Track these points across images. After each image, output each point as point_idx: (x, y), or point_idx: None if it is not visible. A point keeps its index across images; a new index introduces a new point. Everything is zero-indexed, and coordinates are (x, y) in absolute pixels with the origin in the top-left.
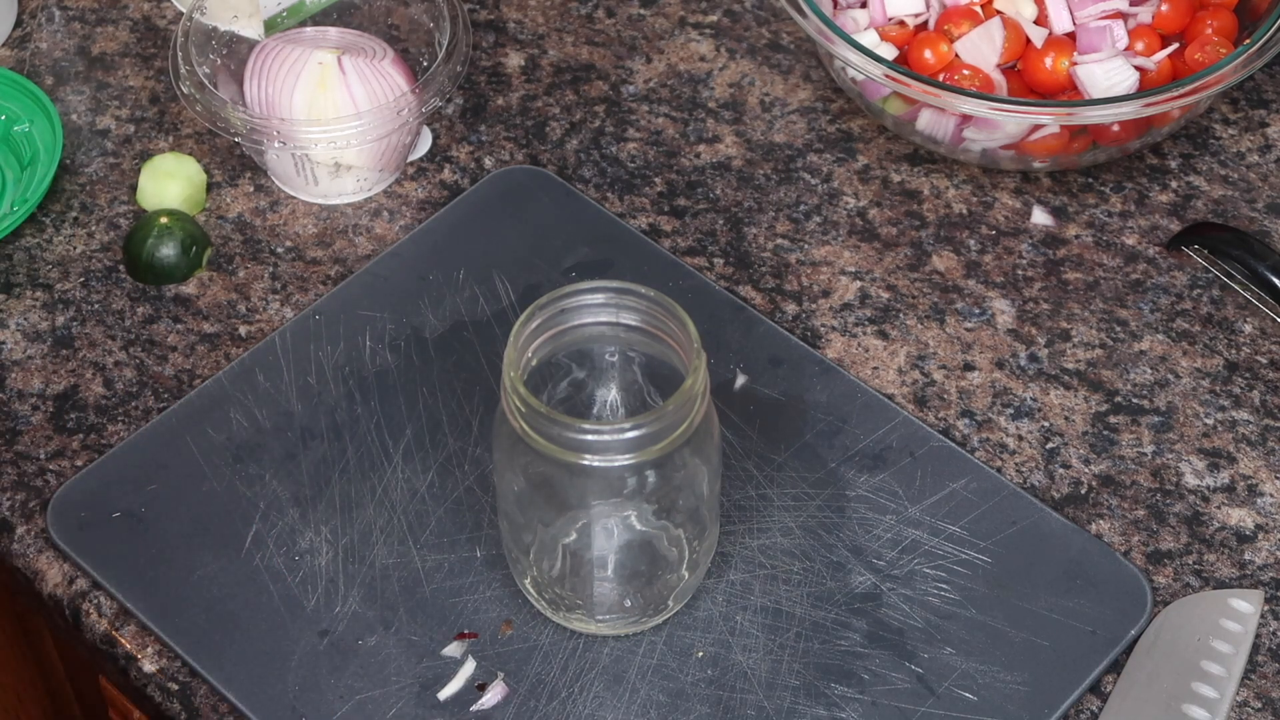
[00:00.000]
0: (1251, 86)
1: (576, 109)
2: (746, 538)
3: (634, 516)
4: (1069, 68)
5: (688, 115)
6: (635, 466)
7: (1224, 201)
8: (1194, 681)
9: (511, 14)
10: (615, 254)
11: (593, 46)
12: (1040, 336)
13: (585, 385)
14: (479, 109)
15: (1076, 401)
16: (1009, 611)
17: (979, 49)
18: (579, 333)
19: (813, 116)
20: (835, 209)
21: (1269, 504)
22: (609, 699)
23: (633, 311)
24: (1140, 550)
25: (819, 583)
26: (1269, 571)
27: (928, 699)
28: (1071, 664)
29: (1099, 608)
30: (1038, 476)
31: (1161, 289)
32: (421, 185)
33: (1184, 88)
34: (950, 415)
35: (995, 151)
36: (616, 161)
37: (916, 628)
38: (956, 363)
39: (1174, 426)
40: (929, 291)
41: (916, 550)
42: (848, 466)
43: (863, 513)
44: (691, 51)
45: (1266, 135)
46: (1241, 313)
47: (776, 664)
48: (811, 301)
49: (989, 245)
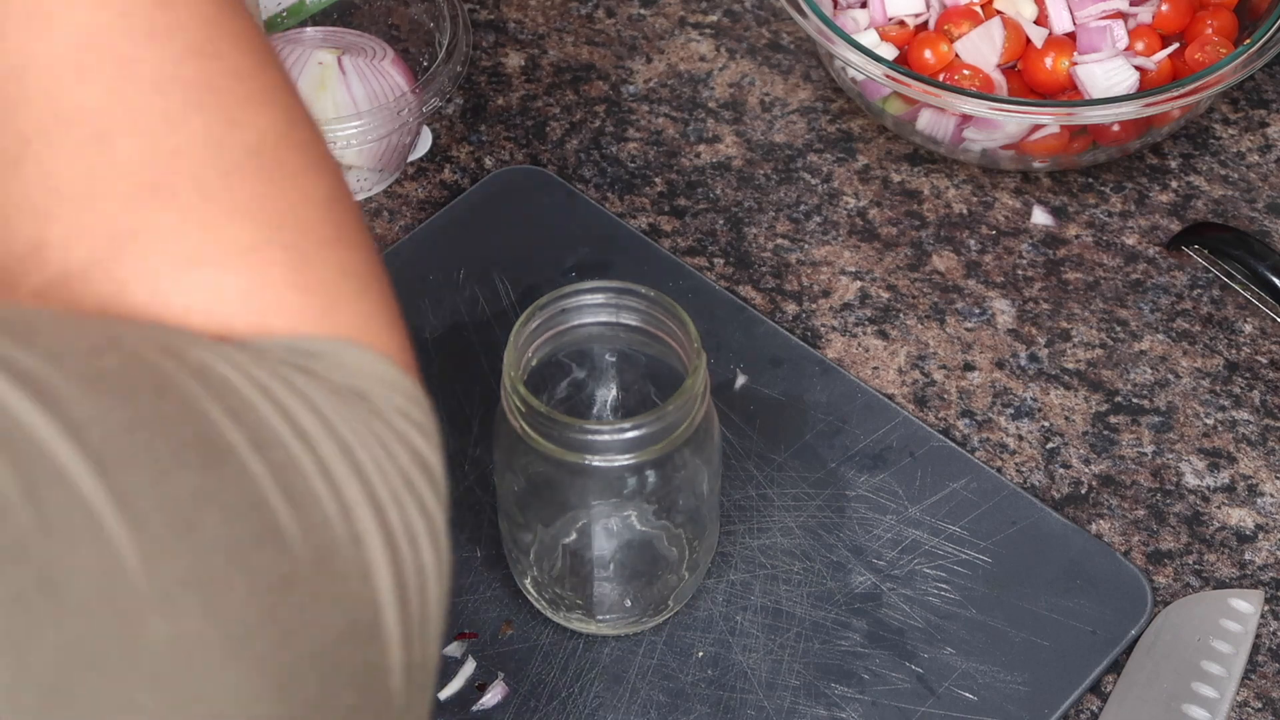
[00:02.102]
0: (1252, 86)
1: (577, 109)
2: (747, 538)
3: (634, 516)
4: (1069, 68)
5: (688, 115)
6: (635, 466)
7: (1224, 201)
8: (1194, 681)
9: (512, 14)
10: (615, 254)
11: (593, 46)
12: (1040, 336)
13: (585, 385)
14: (479, 109)
15: (1077, 401)
16: (1009, 611)
17: (979, 49)
18: (579, 333)
19: (813, 116)
20: (835, 209)
21: (1269, 504)
22: (609, 699)
23: (633, 311)
24: (1140, 550)
25: (819, 583)
26: (1269, 571)
27: (928, 699)
28: (1071, 664)
29: (1099, 608)
30: (1038, 476)
31: (1162, 289)
32: (421, 185)
33: (1184, 88)
34: (950, 415)
35: (995, 151)
36: (617, 161)
37: (916, 628)
38: (956, 363)
39: (1174, 426)
40: (929, 291)
41: (916, 550)
42: (848, 466)
43: (863, 513)
44: (692, 51)
45: (1267, 135)
46: (1242, 313)
47: (776, 664)
48: (811, 301)
49: (989, 245)
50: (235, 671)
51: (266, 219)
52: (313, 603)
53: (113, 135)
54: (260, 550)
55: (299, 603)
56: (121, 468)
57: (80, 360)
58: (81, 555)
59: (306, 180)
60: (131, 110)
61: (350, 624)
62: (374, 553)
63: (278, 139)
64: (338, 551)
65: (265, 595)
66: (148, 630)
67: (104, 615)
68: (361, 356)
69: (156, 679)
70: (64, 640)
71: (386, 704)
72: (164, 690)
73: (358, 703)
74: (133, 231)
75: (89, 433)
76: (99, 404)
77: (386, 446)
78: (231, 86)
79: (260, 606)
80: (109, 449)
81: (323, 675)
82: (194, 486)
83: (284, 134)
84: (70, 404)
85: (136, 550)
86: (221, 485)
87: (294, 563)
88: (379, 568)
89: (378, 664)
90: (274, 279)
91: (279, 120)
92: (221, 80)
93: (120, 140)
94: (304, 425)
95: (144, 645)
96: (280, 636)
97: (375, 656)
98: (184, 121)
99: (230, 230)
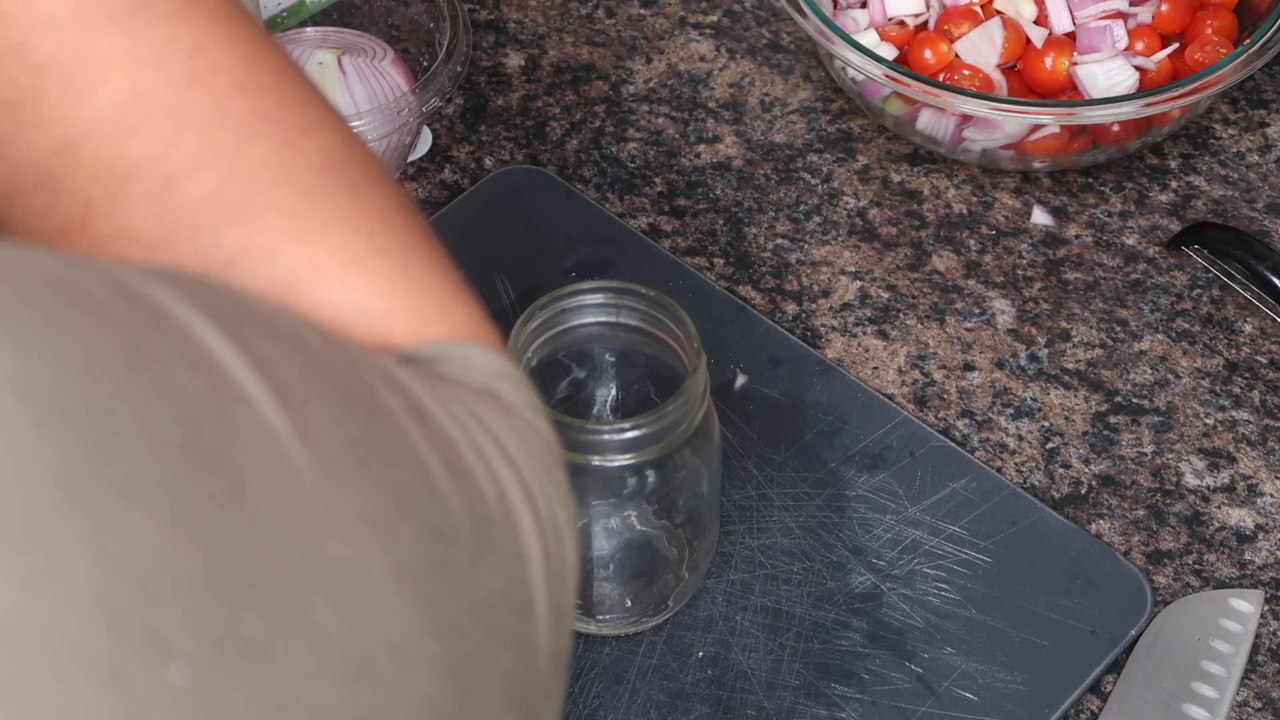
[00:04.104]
0: (1251, 86)
1: (577, 109)
2: (747, 538)
3: (634, 516)
4: (1069, 68)
5: (688, 115)
6: (635, 466)
7: (1224, 201)
8: (1194, 681)
9: (512, 14)
10: (615, 254)
11: (593, 47)
12: (1040, 336)
13: (585, 385)
14: (479, 109)
15: (1076, 401)
16: (1009, 611)
17: (979, 49)
18: (579, 333)
19: (813, 116)
20: (835, 209)
21: (1269, 504)
22: (609, 699)
23: (633, 311)
24: (1140, 550)
25: (819, 583)
26: (1269, 571)
27: (928, 699)
28: (1071, 664)
29: (1099, 608)
30: (1038, 476)
31: (1161, 289)
32: (421, 185)
33: (1184, 88)
34: (950, 415)
35: (995, 151)
36: (617, 161)
37: (916, 627)
38: (956, 363)
39: (1174, 426)
40: (929, 291)
41: (916, 550)
42: (848, 466)
43: (863, 512)
44: (691, 51)
45: (1267, 135)
46: (1241, 313)
47: (776, 664)
48: (811, 301)
49: (989, 245)
50: (408, 606)
51: (358, 229)
52: (473, 564)
53: (178, 179)
54: (426, 505)
55: (462, 560)
56: (302, 405)
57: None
58: (268, 473)
59: (380, 191)
60: (191, 153)
61: (507, 595)
62: (527, 536)
63: (341, 156)
64: (494, 525)
65: (432, 545)
66: (327, 551)
67: (287, 530)
68: (482, 355)
69: (335, 598)
70: (252, 545)
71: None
72: (342, 610)
73: (514, 670)
74: (229, 259)
75: (272, 369)
76: (279, 348)
77: (525, 440)
78: (284, 116)
79: (428, 555)
80: (291, 386)
81: (485, 633)
82: (366, 434)
83: (345, 152)
84: (254, 341)
85: (318, 477)
86: (389, 440)
87: (454, 525)
88: (531, 548)
89: (531, 640)
90: (384, 287)
91: (336, 140)
92: (273, 111)
93: (187, 182)
94: (455, 410)
95: (323, 565)
96: (446, 585)
97: (529, 632)
98: (247, 153)
99: (329, 243)
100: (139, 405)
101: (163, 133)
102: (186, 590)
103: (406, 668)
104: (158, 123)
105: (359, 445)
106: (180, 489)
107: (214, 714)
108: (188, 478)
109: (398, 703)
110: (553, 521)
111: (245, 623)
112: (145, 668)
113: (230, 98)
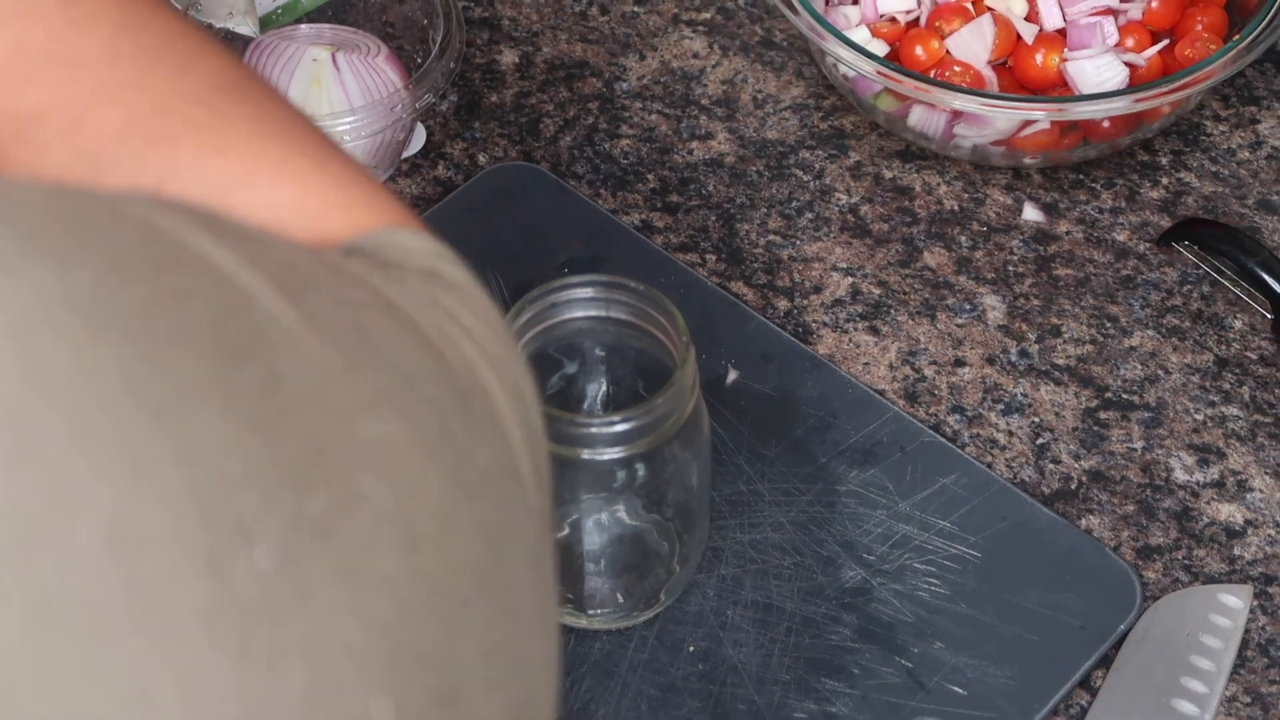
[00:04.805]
0: (1242, 83)
1: (570, 106)
2: (737, 532)
3: (624, 510)
4: (1059, 64)
5: (681, 112)
6: (625, 460)
7: (1214, 198)
8: (1183, 676)
9: (505, 11)
10: (608, 250)
11: (586, 44)
12: (1031, 332)
13: (576, 379)
14: (473, 105)
15: (1067, 397)
16: (999, 606)
17: (970, 45)
18: (569, 327)
19: (805, 113)
20: (827, 205)
21: (1258, 499)
22: (600, 693)
23: (622, 305)
24: (1130, 545)
25: (809, 577)
26: (1258, 567)
27: (918, 693)
28: (1061, 658)
29: (1088, 602)
30: (1028, 472)
31: (1152, 285)
32: (415, 182)
33: (1174, 83)
34: (941, 411)
35: (986, 148)
36: (610, 158)
37: (906, 622)
38: (947, 358)
39: (1164, 422)
40: (920, 287)
41: (907, 545)
42: (838, 461)
43: (853, 508)
44: (684, 48)
45: (1257, 131)
46: (1231, 309)
47: (767, 658)
48: (803, 297)
49: (980, 241)
50: (435, 474)
51: (273, 134)
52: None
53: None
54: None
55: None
56: (300, 294)
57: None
58: (293, 362)
59: (278, 101)
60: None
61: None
62: (500, 404)
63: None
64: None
65: (440, 418)
66: (359, 430)
67: (323, 413)
68: (415, 240)
69: (378, 472)
70: (299, 429)
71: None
72: (387, 482)
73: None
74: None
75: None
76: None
77: (477, 313)
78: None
79: (438, 426)
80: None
81: (498, 498)
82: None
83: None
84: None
85: (339, 362)
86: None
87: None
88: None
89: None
90: (311, 185)
91: (226, 63)
92: (159, 44)
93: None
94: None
95: (359, 442)
96: (459, 453)
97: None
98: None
99: (250, 151)
100: (170, 309)
101: (57, 76)
102: (257, 476)
103: (448, 531)
104: (49, 69)
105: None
106: (228, 382)
107: (302, 591)
108: (230, 371)
109: (449, 566)
110: (517, 387)
111: (309, 503)
112: (236, 553)
113: (114, 38)
